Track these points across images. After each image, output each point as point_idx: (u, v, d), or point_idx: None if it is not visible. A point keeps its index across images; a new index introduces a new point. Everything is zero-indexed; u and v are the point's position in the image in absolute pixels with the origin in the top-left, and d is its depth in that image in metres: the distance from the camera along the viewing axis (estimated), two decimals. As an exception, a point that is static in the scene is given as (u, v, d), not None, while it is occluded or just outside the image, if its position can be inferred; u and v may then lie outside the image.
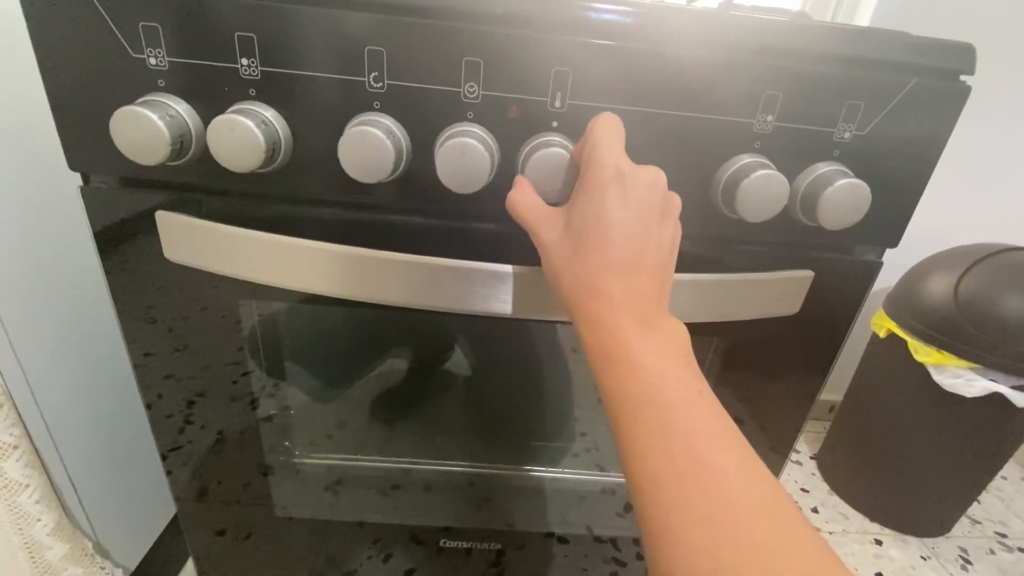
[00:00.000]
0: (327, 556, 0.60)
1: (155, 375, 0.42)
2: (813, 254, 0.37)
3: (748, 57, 0.30)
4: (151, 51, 0.30)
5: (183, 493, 0.50)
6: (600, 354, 0.26)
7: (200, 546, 0.56)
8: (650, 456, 0.23)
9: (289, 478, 0.55)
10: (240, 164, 0.30)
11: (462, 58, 0.30)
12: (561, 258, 0.28)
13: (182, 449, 0.48)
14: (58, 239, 0.50)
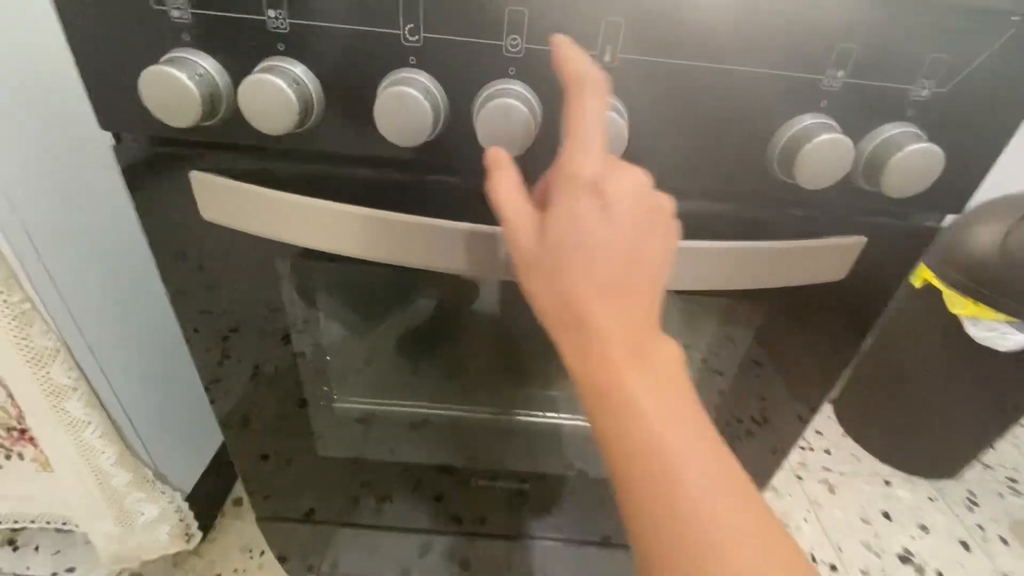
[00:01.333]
0: (362, 482, 0.64)
1: (191, 310, 0.43)
2: (867, 219, 0.35)
3: (821, 6, 0.27)
4: (173, 2, 0.28)
5: (227, 420, 0.52)
6: (593, 390, 0.24)
7: (246, 469, 0.59)
8: (650, 507, 0.22)
9: (324, 414, 0.57)
10: (273, 126, 0.29)
11: (505, 7, 0.27)
12: (540, 273, 0.25)
13: (222, 382, 0.49)
14: (98, 194, 0.51)
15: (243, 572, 0.76)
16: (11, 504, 0.66)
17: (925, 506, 0.95)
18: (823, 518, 0.92)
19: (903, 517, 0.93)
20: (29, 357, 0.46)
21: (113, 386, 0.55)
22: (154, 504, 0.63)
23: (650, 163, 0.31)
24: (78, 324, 0.49)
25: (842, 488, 0.98)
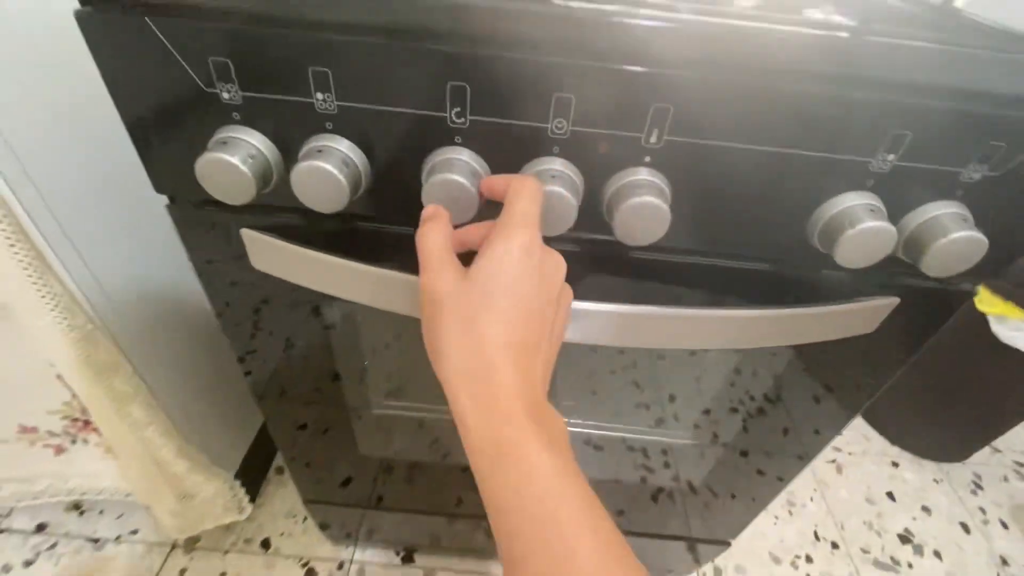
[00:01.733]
0: (395, 449, 0.68)
1: (221, 282, 0.41)
2: (901, 280, 0.35)
3: (878, 93, 0.26)
4: (223, 86, 0.28)
5: (263, 392, 0.53)
6: (492, 445, 0.23)
7: (284, 438, 0.61)
8: (543, 571, 0.22)
9: (355, 386, 0.57)
10: (325, 207, 0.30)
11: (552, 94, 0.27)
12: (457, 316, 0.25)
13: (256, 353, 0.49)
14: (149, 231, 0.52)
15: (288, 535, 0.84)
16: (79, 480, 0.73)
17: (930, 488, 0.99)
18: (828, 497, 0.96)
19: (907, 498, 0.97)
20: (95, 371, 0.50)
21: (169, 389, 0.59)
22: (210, 484, 0.70)
23: (690, 227, 0.32)
24: (136, 340, 0.53)
25: (850, 468, 1.01)
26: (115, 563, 0.79)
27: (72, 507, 0.84)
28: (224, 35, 0.26)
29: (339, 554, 0.83)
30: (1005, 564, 0.88)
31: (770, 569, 0.85)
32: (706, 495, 0.71)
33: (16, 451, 0.67)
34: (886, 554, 0.88)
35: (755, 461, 0.61)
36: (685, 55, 0.26)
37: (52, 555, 0.79)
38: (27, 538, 0.81)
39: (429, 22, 0.26)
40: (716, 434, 0.60)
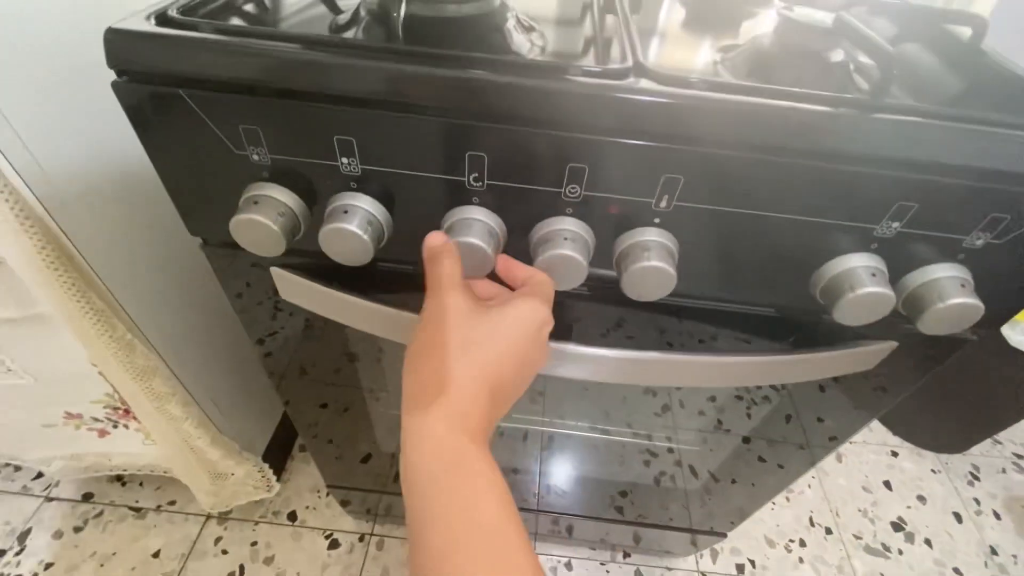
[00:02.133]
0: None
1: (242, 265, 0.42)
2: (900, 325, 0.37)
3: (886, 169, 0.27)
4: (253, 149, 0.30)
5: (284, 372, 0.54)
6: (454, 452, 0.24)
7: (306, 418, 0.63)
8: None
9: (372, 366, 0.59)
10: (351, 262, 0.32)
11: (566, 164, 0.28)
12: (461, 336, 0.27)
13: (277, 334, 0.49)
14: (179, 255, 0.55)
15: (313, 508, 0.91)
16: (122, 458, 0.79)
17: (927, 478, 1.02)
18: (826, 484, 1.00)
19: (903, 488, 1.00)
20: (134, 374, 0.54)
21: (202, 386, 0.63)
22: (241, 467, 0.75)
23: (697, 279, 0.34)
24: (172, 346, 0.56)
25: (849, 457, 1.04)
26: (157, 530, 0.86)
27: (115, 479, 0.91)
28: (254, 106, 0.28)
29: (360, 527, 0.89)
30: (994, 554, 0.92)
31: (764, 551, 0.90)
32: (707, 481, 0.74)
33: (63, 434, 0.72)
34: (877, 540, 0.92)
35: (757, 448, 0.63)
36: (695, 131, 0.27)
37: (99, 522, 0.86)
38: (75, 506, 0.88)
39: (448, 98, 0.27)
40: (720, 421, 0.63)
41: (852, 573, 0.88)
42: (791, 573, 0.87)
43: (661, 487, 0.77)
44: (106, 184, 0.47)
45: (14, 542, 0.83)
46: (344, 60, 0.26)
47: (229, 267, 0.38)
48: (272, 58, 0.27)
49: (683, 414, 0.66)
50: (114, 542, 0.84)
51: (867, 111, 0.26)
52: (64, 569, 0.81)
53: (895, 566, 0.89)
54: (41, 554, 0.82)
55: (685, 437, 0.70)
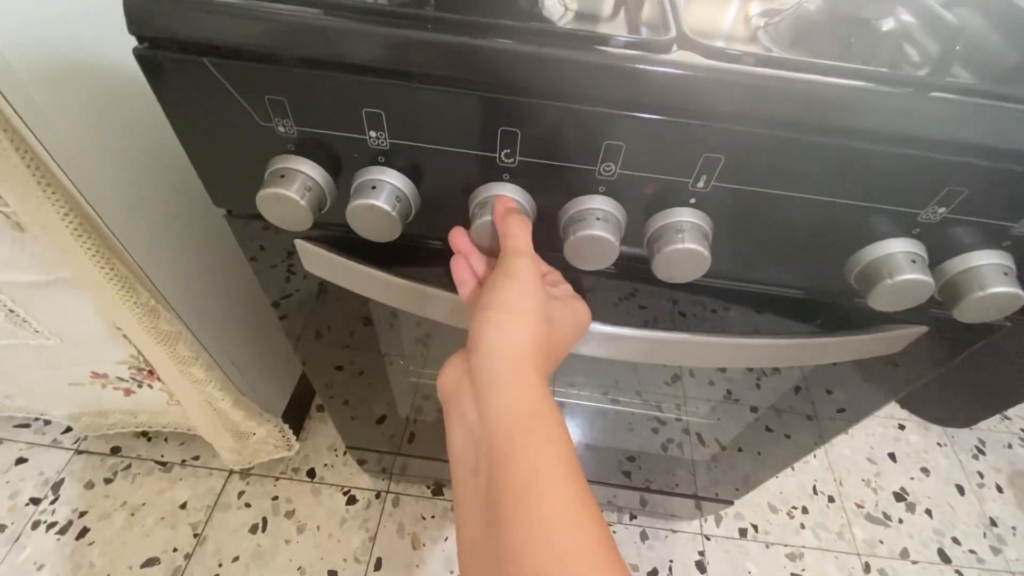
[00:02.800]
0: (424, 395, 0.74)
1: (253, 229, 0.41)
2: (932, 311, 0.36)
3: (937, 152, 0.26)
4: (278, 120, 0.29)
5: (301, 334, 0.54)
6: (527, 409, 0.25)
7: (322, 379, 0.64)
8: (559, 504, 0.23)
9: (386, 330, 0.59)
10: (379, 238, 0.31)
11: (603, 142, 0.27)
12: (543, 300, 0.28)
13: (291, 297, 0.49)
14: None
15: (331, 466, 0.94)
16: (147, 416, 0.81)
17: (932, 451, 1.03)
18: (831, 455, 1.02)
19: (908, 459, 1.02)
20: (158, 339, 0.55)
21: (224, 350, 0.65)
22: (262, 427, 0.77)
23: (730, 260, 0.33)
24: (196, 312, 0.57)
25: (856, 429, 1.06)
26: (183, 483, 0.90)
27: (141, 435, 0.94)
28: (280, 76, 0.27)
29: (377, 485, 0.92)
30: (993, 525, 0.94)
31: (767, 517, 0.93)
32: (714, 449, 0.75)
33: (90, 392, 0.75)
34: (879, 509, 0.94)
35: (765, 418, 0.64)
36: (740, 109, 0.26)
37: (128, 474, 0.90)
38: (104, 459, 0.92)
39: (482, 71, 0.26)
40: (730, 391, 0.63)
41: (852, 539, 0.91)
42: (792, 538, 0.90)
43: (668, 454, 0.78)
44: (129, 152, 0.47)
45: (48, 491, 0.88)
46: (371, 28, 0.25)
47: (253, 239, 0.38)
48: (298, 25, 0.25)
49: (693, 384, 0.66)
50: (143, 493, 0.88)
51: (923, 90, 0.25)
52: (97, 517, 0.85)
53: (894, 534, 0.92)
54: (75, 503, 0.87)
55: (694, 407, 0.70)
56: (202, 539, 0.84)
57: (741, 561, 0.87)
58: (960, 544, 0.91)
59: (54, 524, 0.84)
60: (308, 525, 0.86)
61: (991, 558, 0.90)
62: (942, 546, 0.91)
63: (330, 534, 0.86)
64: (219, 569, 0.81)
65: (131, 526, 0.84)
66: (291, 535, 0.85)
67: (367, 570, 0.83)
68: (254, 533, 0.85)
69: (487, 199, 0.30)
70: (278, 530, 0.85)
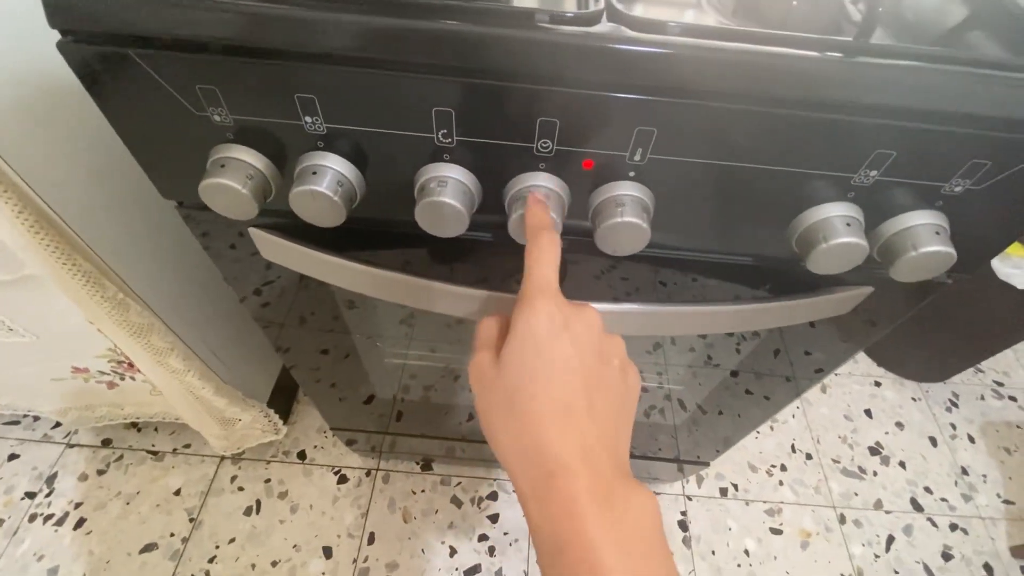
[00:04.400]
0: (410, 374, 0.76)
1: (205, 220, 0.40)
2: (876, 272, 0.37)
3: (865, 117, 0.26)
4: (213, 110, 0.29)
5: (273, 321, 0.54)
6: (551, 542, 0.20)
7: (301, 364, 0.64)
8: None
9: (370, 313, 0.59)
10: (324, 223, 0.32)
11: (535, 119, 0.27)
12: (500, 401, 0.23)
13: (273, 283, 0.48)
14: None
15: (321, 448, 0.96)
16: (133, 408, 0.82)
17: (907, 405, 1.06)
18: (810, 414, 1.04)
19: (883, 415, 1.05)
20: (131, 332, 0.55)
21: (202, 338, 0.65)
22: (247, 413, 0.78)
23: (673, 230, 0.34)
24: (169, 302, 0.57)
25: (834, 388, 1.08)
26: (176, 471, 0.92)
27: (130, 426, 0.96)
28: (207, 65, 0.26)
29: (367, 463, 0.94)
30: (964, 474, 0.97)
31: (747, 476, 0.96)
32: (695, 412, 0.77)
33: (73, 386, 0.75)
34: (855, 464, 0.98)
35: (744, 381, 0.65)
36: (666, 80, 0.26)
37: (120, 465, 0.92)
38: (96, 451, 0.93)
39: (409, 52, 0.26)
40: (710, 356, 0.65)
41: (828, 493, 0.94)
42: (771, 495, 0.93)
43: (651, 420, 0.80)
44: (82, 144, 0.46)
45: (43, 484, 0.89)
46: (294, 11, 0.25)
47: (208, 228, 0.38)
48: (220, 11, 0.25)
49: (674, 351, 0.68)
50: (136, 482, 0.90)
51: (850, 56, 0.25)
52: (93, 507, 0.87)
53: (869, 486, 0.95)
54: (70, 494, 0.88)
55: (675, 373, 0.72)
56: (198, 523, 0.86)
57: (722, 518, 0.91)
58: (932, 493, 0.95)
59: (51, 516, 0.86)
60: (301, 505, 0.89)
61: (962, 505, 0.94)
62: (915, 495, 0.95)
63: (323, 512, 0.88)
64: (216, 551, 0.83)
65: (127, 514, 0.86)
66: (285, 515, 0.87)
67: (361, 544, 0.85)
68: (248, 515, 0.87)
69: (429, 180, 0.30)
70: (272, 511, 0.88)
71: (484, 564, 0.84)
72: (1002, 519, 0.92)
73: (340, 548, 0.85)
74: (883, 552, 0.88)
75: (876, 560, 0.87)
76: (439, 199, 0.29)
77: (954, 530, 0.91)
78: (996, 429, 1.03)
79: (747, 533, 0.89)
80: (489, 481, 0.93)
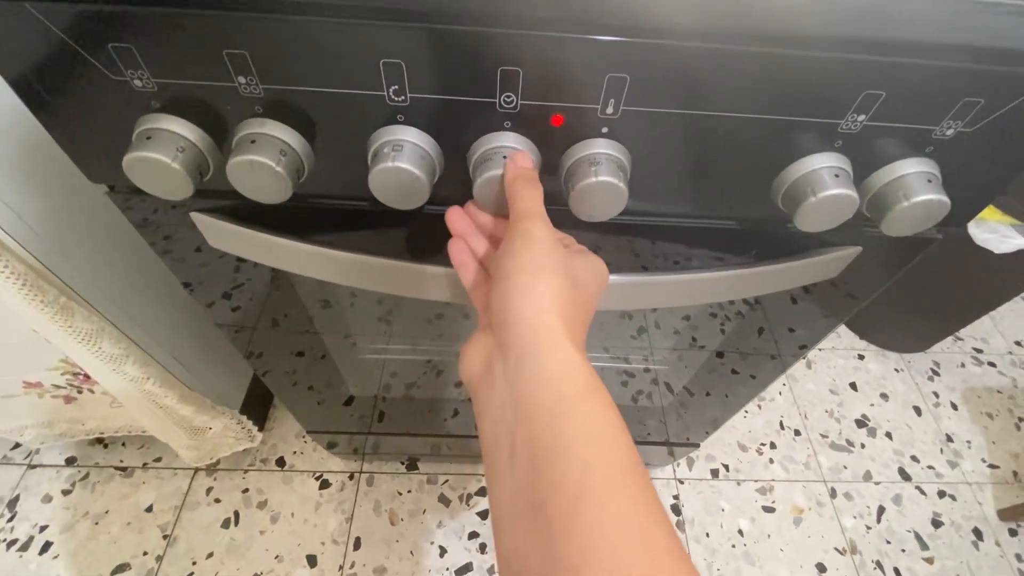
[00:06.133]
0: (391, 372, 0.73)
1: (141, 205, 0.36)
2: (864, 230, 0.35)
3: (850, 53, 0.24)
4: (132, 73, 0.25)
5: (253, 323, 0.52)
6: (532, 331, 0.23)
7: (281, 367, 0.62)
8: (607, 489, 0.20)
9: (346, 311, 0.58)
10: (269, 199, 0.29)
11: (497, 68, 0.25)
12: (565, 263, 0.26)
13: (244, 286, 0.47)
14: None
15: (301, 453, 0.92)
16: (95, 422, 0.78)
17: (891, 376, 1.07)
18: (796, 391, 1.04)
19: (868, 387, 1.05)
20: (78, 339, 0.51)
21: (161, 343, 0.61)
22: (217, 420, 0.74)
23: (653, 193, 0.31)
24: (120, 306, 0.53)
25: (819, 363, 1.08)
26: (147, 486, 0.87)
27: (96, 441, 0.91)
28: (116, 19, 0.23)
29: (349, 466, 0.91)
30: (949, 441, 0.98)
31: (737, 456, 0.95)
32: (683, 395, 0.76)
33: (27, 403, 0.70)
34: (842, 437, 0.98)
35: (730, 362, 0.64)
36: (639, 21, 0.23)
37: (87, 484, 0.87)
38: (60, 471, 0.88)
39: (349, -6, 0.23)
40: (695, 338, 0.63)
41: (818, 468, 0.94)
42: (762, 473, 0.93)
43: (639, 405, 0.79)
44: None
45: (4, 509, 0.84)
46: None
47: (147, 215, 0.35)
48: (128, -47, 0.22)
49: (659, 335, 0.66)
50: (105, 501, 0.85)
51: (832, -16, 0.23)
52: (59, 530, 0.82)
53: (857, 458, 0.95)
54: (34, 518, 0.83)
55: (661, 356, 0.70)
56: (172, 540, 0.82)
57: (714, 500, 0.90)
58: (919, 462, 0.95)
59: (14, 541, 0.81)
60: (282, 513, 0.85)
61: (948, 472, 0.95)
62: (902, 465, 0.95)
63: (305, 520, 0.85)
64: (193, 567, 0.79)
65: (96, 535, 0.82)
66: (265, 525, 0.84)
67: (346, 551, 0.82)
68: (227, 528, 0.83)
69: (383, 145, 0.27)
70: (251, 522, 0.84)
71: (475, 562, 0.82)
72: (988, 483, 0.93)
73: (325, 556, 0.81)
74: (874, 523, 0.88)
75: (868, 531, 0.87)
76: (393, 164, 0.26)
77: (942, 497, 0.91)
78: (978, 395, 1.04)
79: (740, 513, 0.88)
80: (477, 477, 0.91)
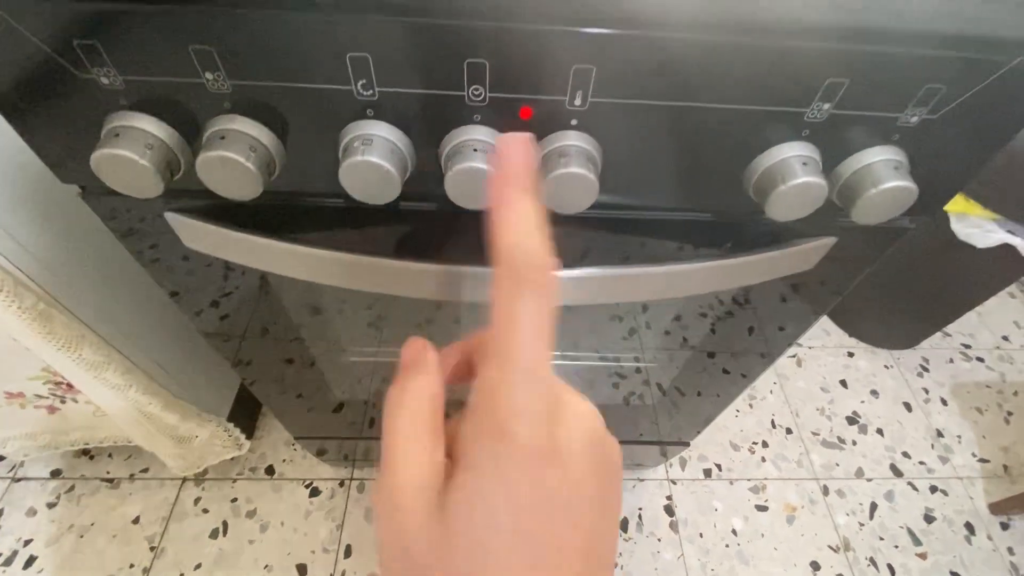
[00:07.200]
0: (383, 378, 0.72)
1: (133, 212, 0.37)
2: (837, 220, 0.35)
3: (813, 41, 0.24)
4: (99, 71, 0.25)
5: (246, 332, 0.51)
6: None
7: (272, 375, 0.61)
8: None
9: (334, 317, 0.57)
10: (240, 195, 0.28)
11: (463, 60, 0.25)
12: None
13: (232, 295, 0.46)
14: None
15: (290, 461, 0.91)
16: (79, 433, 0.77)
17: (880, 373, 1.07)
18: (787, 388, 1.04)
19: (858, 384, 1.05)
20: (59, 346, 0.51)
21: (145, 350, 0.60)
22: (204, 428, 0.74)
23: (624, 186, 0.31)
24: (100, 312, 0.53)
25: (808, 361, 1.09)
26: (133, 497, 0.86)
27: (82, 453, 0.89)
28: (80, 15, 0.23)
29: (339, 473, 0.90)
30: (940, 436, 0.98)
31: (729, 455, 0.95)
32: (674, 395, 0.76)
33: (9, 413, 0.70)
34: (834, 435, 0.98)
35: (721, 361, 0.64)
36: (603, 12, 0.24)
37: (72, 496, 0.85)
38: (45, 484, 0.87)
39: (312, -13, 0.23)
40: (685, 338, 0.63)
41: (810, 465, 0.94)
42: (754, 472, 0.93)
43: (630, 406, 0.78)
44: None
45: (-14, 524, 0.82)
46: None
47: (120, 216, 0.35)
48: (90, -51, 0.22)
49: (649, 335, 0.66)
50: (90, 514, 0.84)
51: (791, -27, 0.23)
52: (44, 543, 0.81)
53: (849, 456, 0.95)
54: (18, 532, 0.82)
55: (652, 357, 0.70)
56: (160, 551, 0.81)
57: (707, 500, 0.89)
58: (910, 457, 0.96)
59: (-3, 557, 0.79)
60: (272, 522, 0.84)
61: (939, 467, 0.95)
62: (894, 461, 0.95)
63: (295, 528, 0.84)
64: (181, 578, 0.78)
65: (82, 548, 0.80)
66: (255, 535, 0.83)
67: (337, 559, 0.81)
68: (215, 538, 0.82)
69: (354, 139, 0.27)
70: (240, 532, 0.83)
71: (468, 567, 0.81)
72: (979, 477, 0.93)
73: (315, 564, 0.80)
74: (867, 520, 0.88)
75: (861, 528, 0.87)
76: (363, 158, 0.26)
77: (934, 492, 0.91)
78: (967, 390, 1.05)
79: (733, 512, 0.88)
80: (469, 481, 0.90)
